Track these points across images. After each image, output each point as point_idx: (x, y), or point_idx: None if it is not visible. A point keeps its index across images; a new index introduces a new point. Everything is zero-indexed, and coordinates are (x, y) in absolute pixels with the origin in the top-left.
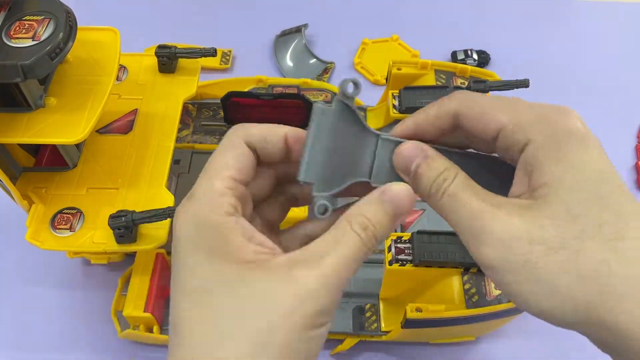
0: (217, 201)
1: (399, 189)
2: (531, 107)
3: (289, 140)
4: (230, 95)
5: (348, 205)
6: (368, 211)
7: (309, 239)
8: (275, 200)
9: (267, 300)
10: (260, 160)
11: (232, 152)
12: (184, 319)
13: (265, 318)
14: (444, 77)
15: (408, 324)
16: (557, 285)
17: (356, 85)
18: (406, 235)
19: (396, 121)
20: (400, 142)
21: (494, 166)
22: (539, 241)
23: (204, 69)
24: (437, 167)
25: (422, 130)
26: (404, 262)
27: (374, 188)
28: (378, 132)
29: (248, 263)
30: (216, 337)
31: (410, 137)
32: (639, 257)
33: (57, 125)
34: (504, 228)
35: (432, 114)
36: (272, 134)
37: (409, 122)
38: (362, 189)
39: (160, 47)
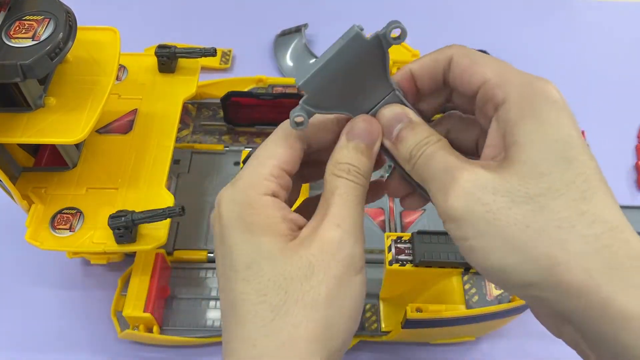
0: (258, 183)
1: (360, 126)
2: (517, 72)
3: (341, 125)
4: (230, 95)
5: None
6: (343, 156)
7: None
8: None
9: (307, 269)
10: (310, 149)
11: (284, 143)
12: (239, 293)
13: (303, 289)
14: None
15: (408, 324)
16: (518, 239)
17: (403, 32)
18: (406, 236)
19: None
20: (407, 107)
21: None
22: (503, 193)
23: (204, 69)
24: (421, 132)
25: (419, 77)
26: (404, 262)
27: None
28: (395, 86)
29: (288, 237)
30: (269, 312)
31: (407, 84)
32: (603, 218)
33: (57, 125)
34: (471, 178)
35: (429, 57)
36: (327, 122)
37: (407, 69)
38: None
39: (160, 46)
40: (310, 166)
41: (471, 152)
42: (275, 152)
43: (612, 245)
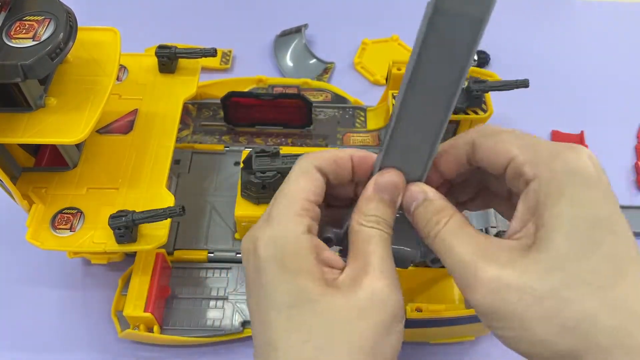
0: (294, 222)
1: (387, 179)
2: (545, 144)
3: (355, 161)
4: (231, 95)
5: None
6: (371, 209)
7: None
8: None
9: (356, 313)
10: (330, 184)
11: (306, 177)
12: (280, 332)
13: (351, 333)
14: None
15: (408, 324)
16: (540, 335)
17: None
18: None
19: None
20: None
21: None
22: (527, 291)
23: (204, 69)
24: (433, 209)
25: (443, 165)
26: None
27: None
28: None
29: (324, 281)
30: (313, 352)
31: (433, 176)
32: (629, 306)
33: (57, 125)
34: (493, 278)
35: (448, 144)
36: (341, 157)
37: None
38: None
39: (160, 47)
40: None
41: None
42: (301, 185)
43: (633, 333)
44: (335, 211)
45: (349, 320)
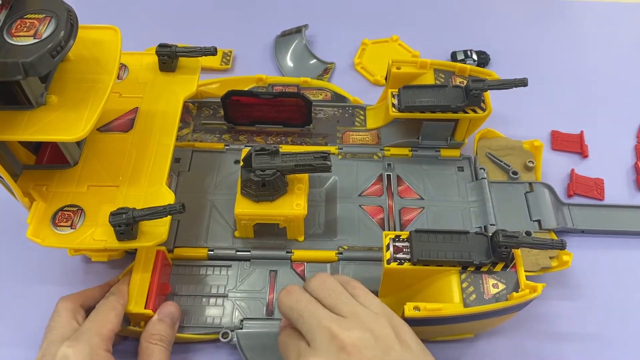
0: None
1: (169, 308)
2: None
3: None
4: (231, 93)
5: None
6: (157, 329)
7: None
8: None
9: None
10: None
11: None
12: None
13: None
14: (443, 76)
15: (407, 322)
16: None
17: None
18: (404, 234)
19: (395, 120)
20: None
21: None
22: None
23: (205, 69)
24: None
25: None
26: (402, 261)
27: None
28: None
29: None
30: None
31: None
32: None
33: (58, 123)
34: None
35: None
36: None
37: None
38: None
39: (160, 45)
40: None
41: None
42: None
43: None
44: None
45: None
